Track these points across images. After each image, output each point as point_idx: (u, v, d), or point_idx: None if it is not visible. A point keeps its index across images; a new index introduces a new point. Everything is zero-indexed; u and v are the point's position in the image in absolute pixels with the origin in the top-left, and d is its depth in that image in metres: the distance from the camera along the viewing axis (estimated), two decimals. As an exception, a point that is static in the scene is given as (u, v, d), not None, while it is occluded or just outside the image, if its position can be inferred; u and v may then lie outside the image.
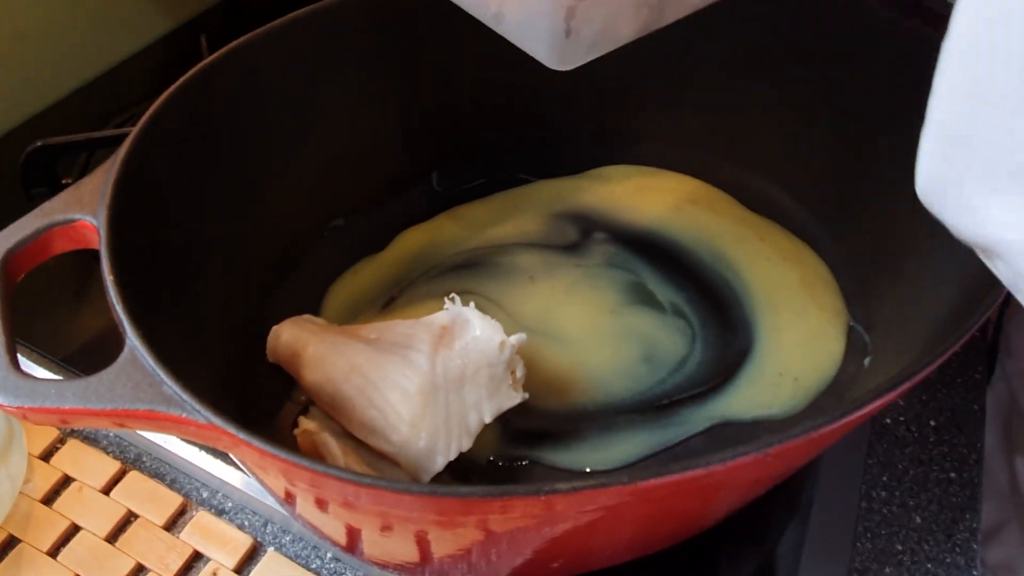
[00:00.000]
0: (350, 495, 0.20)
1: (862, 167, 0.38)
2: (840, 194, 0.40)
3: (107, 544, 0.32)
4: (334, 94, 0.38)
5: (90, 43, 0.53)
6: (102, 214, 0.24)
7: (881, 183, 0.37)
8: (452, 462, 0.30)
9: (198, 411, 0.19)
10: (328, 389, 0.31)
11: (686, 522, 0.28)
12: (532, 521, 0.23)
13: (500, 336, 0.30)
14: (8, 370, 0.20)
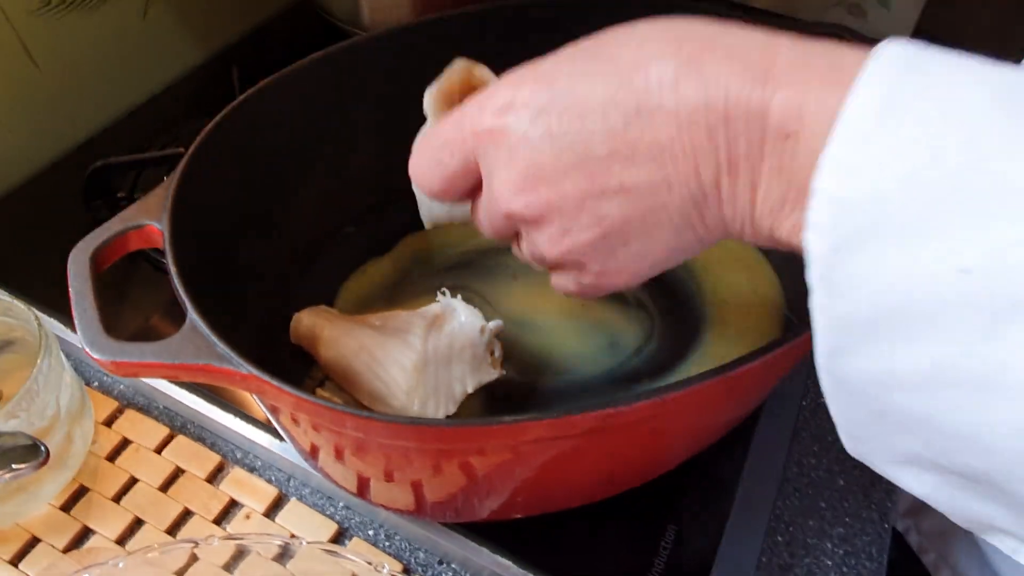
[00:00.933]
0: (359, 427, 0.27)
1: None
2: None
3: (160, 493, 0.38)
4: (348, 120, 0.45)
5: (134, 73, 0.61)
6: (165, 220, 0.31)
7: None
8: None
9: (242, 364, 0.26)
10: (341, 364, 0.37)
11: (640, 460, 0.34)
12: (502, 452, 0.29)
13: (481, 322, 0.37)
14: (103, 335, 0.27)
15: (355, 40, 0.43)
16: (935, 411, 0.17)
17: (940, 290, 0.16)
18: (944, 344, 0.16)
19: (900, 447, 0.19)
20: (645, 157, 0.21)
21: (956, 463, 0.18)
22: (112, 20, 0.57)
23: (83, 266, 0.29)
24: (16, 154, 0.54)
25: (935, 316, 0.16)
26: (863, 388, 0.19)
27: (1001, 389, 0.16)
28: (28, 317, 0.36)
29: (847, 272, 0.17)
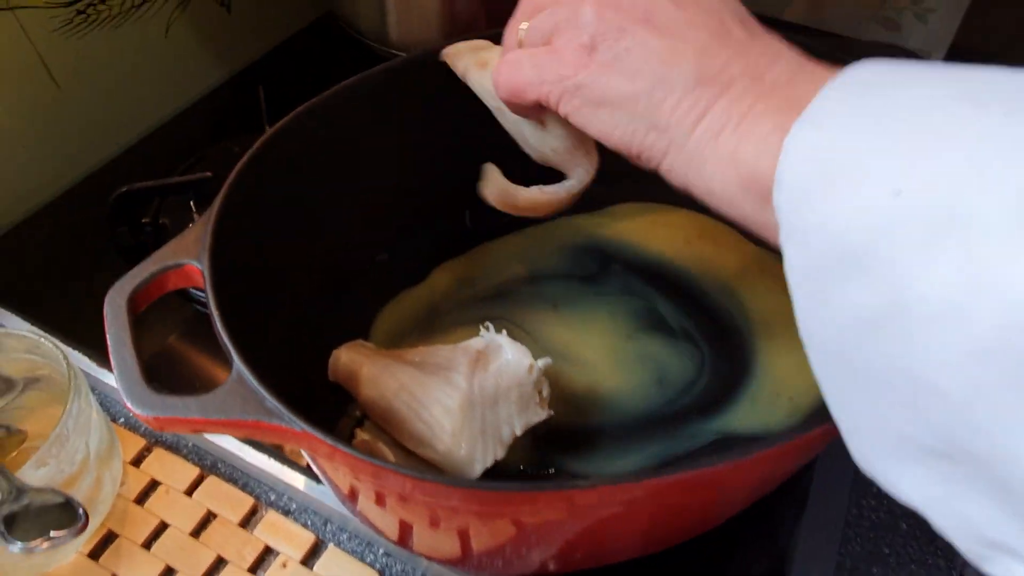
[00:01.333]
0: (415, 490, 0.25)
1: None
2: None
3: (192, 539, 0.37)
4: (379, 147, 0.43)
5: (156, 92, 0.59)
6: (205, 259, 0.29)
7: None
8: (487, 471, 0.35)
9: (295, 421, 0.24)
10: (381, 404, 0.36)
11: (691, 519, 0.32)
12: (556, 515, 0.28)
13: (529, 360, 0.35)
14: (144, 387, 0.25)
15: (390, 64, 0.42)
16: (901, 356, 0.17)
17: (876, 219, 0.17)
18: (889, 276, 0.17)
19: (890, 426, 0.19)
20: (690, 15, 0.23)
21: (940, 435, 0.17)
22: (134, 38, 0.56)
23: (120, 310, 0.28)
24: (36, 177, 0.53)
25: (876, 245, 0.17)
26: (840, 347, 0.19)
27: (944, 313, 0.16)
28: (56, 356, 0.35)
29: (805, 222, 0.19)
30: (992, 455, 0.16)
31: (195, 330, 0.46)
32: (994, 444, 0.16)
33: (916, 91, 0.18)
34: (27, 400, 0.39)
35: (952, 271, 0.16)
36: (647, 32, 0.23)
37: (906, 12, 0.68)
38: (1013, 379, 0.15)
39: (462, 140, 0.46)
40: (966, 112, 0.17)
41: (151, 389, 0.25)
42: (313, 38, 0.68)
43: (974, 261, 0.16)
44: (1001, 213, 0.15)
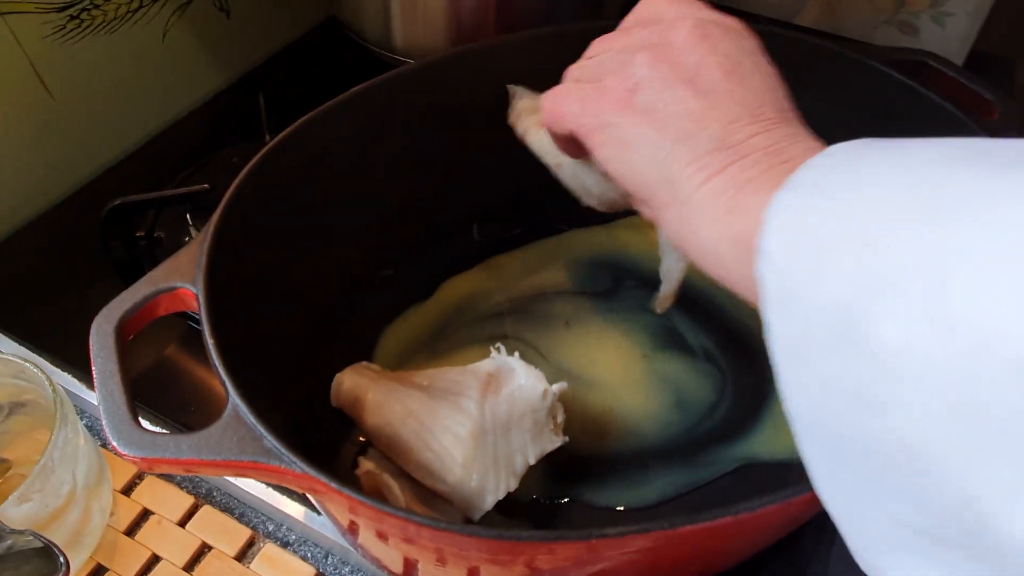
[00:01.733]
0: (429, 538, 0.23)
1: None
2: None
3: (185, 573, 0.35)
4: (384, 158, 0.41)
5: (153, 100, 0.57)
6: (200, 283, 0.27)
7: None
8: (499, 501, 0.33)
9: (295, 463, 0.22)
10: (387, 432, 0.34)
11: (719, 558, 0.30)
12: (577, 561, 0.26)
13: (543, 385, 0.33)
14: (131, 425, 0.23)
15: (396, 72, 0.40)
16: (888, 424, 0.17)
17: (857, 283, 0.17)
18: (872, 340, 0.17)
19: (883, 508, 0.18)
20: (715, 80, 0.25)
21: (935, 512, 0.16)
22: (130, 44, 0.54)
23: (108, 337, 0.26)
24: (28, 188, 0.51)
25: (858, 309, 0.17)
26: (827, 421, 0.18)
27: (927, 373, 0.16)
28: (41, 381, 0.33)
29: (788, 292, 0.19)
30: (983, 529, 0.15)
31: (190, 342, 0.44)
32: (986, 516, 0.15)
33: (894, 159, 0.19)
34: (12, 425, 0.37)
35: (933, 330, 0.16)
36: (688, 91, 0.25)
37: (923, 15, 0.66)
38: (1001, 441, 0.15)
39: (469, 152, 0.44)
40: (942, 177, 0.17)
41: (138, 427, 0.23)
42: (315, 44, 0.66)
43: (954, 319, 0.15)
44: (979, 271, 0.15)
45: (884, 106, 0.40)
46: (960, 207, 0.16)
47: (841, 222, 0.18)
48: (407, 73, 0.40)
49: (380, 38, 0.57)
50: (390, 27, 0.56)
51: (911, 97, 0.38)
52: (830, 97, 0.42)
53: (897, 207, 0.17)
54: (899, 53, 0.40)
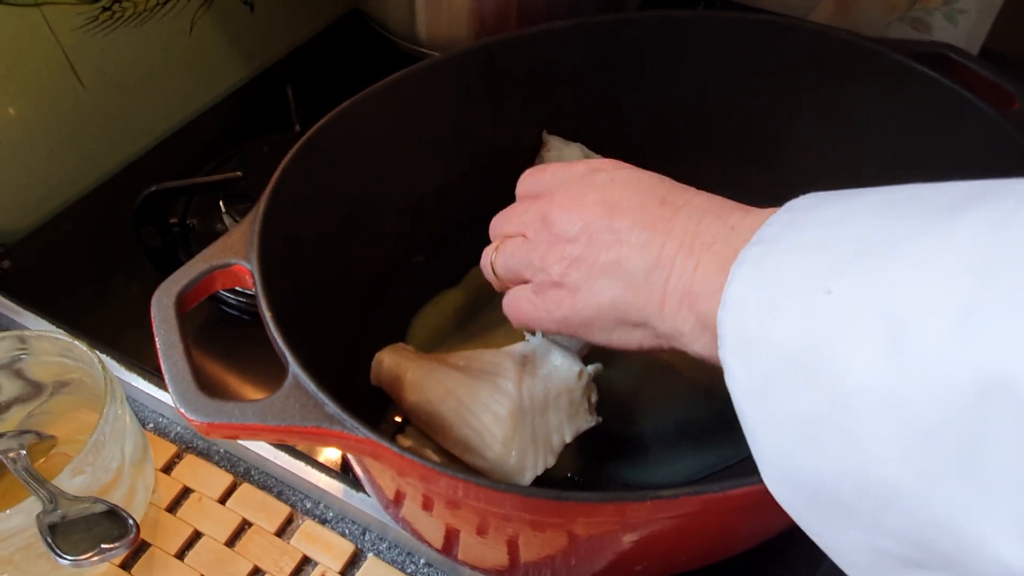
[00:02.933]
0: (485, 499, 0.24)
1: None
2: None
3: (227, 548, 0.36)
4: (417, 146, 0.42)
5: (181, 90, 0.58)
6: (254, 259, 0.28)
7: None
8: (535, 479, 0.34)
9: (357, 428, 0.23)
10: (427, 409, 0.34)
11: (747, 533, 0.31)
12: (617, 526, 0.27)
13: (579, 366, 0.34)
14: (197, 393, 0.24)
15: (431, 61, 0.41)
16: (850, 456, 0.17)
17: (811, 319, 0.18)
18: (828, 372, 0.18)
19: (863, 541, 0.18)
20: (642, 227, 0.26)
21: (909, 540, 0.17)
22: (159, 36, 0.55)
23: (169, 311, 0.26)
24: (60, 176, 0.52)
25: (814, 344, 0.18)
26: (794, 461, 0.19)
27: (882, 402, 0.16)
28: (91, 360, 0.34)
29: (748, 334, 0.20)
30: (960, 552, 0.16)
31: (211, 332, 0.45)
32: (958, 538, 0.16)
33: (842, 211, 0.20)
34: (55, 405, 0.38)
35: (889, 362, 0.16)
36: (594, 251, 0.27)
37: (936, 13, 0.67)
38: (960, 463, 0.15)
39: (501, 140, 0.45)
40: (888, 224, 0.19)
41: (204, 394, 0.24)
42: (339, 36, 0.67)
43: (904, 349, 0.16)
44: (925, 304, 0.16)
45: (906, 99, 0.41)
46: (902, 250, 0.18)
47: (798, 269, 0.19)
48: (439, 63, 0.41)
49: (404, 30, 0.57)
50: (414, 19, 0.56)
51: (935, 89, 0.39)
52: (850, 91, 0.43)
53: (843, 252, 0.19)
54: (919, 46, 0.41)
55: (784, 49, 0.43)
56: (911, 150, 0.41)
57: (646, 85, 0.45)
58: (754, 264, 0.21)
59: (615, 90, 0.46)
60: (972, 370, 0.15)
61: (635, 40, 0.45)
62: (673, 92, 0.45)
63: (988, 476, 0.15)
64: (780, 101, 0.45)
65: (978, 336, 0.15)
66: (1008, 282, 0.15)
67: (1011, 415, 0.15)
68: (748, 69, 0.44)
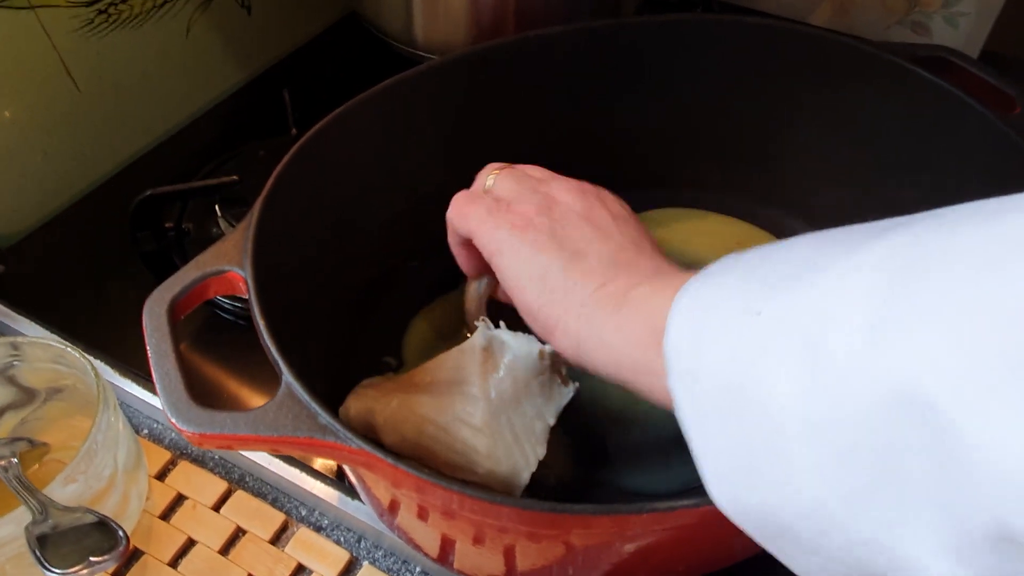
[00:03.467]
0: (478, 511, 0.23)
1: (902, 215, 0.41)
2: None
3: (221, 556, 0.35)
4: (414, 151, 0.42)
5: (177, 94, 0.58)
6: (248, 266, 0.28)
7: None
8: (528, 487, 0.33)
9: (350, 439, 0.23)
10: (407, 446, 0.33)
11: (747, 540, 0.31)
12: (615, 537, 0.26)
13: (536, 346, 0.33)
14: (189, 402, 0.24)
15: (428, 65, 0.41)
16: (788, 483, 0.17)
17: (744, 341, 0.18)
18: (762, 398, 0.18)
19: (822, 569, 0.19)
20: None
21: (850, 565, 0.17)
22: (155, 39, 0.55)
23: (161, 319, 0.26)
24: (55, 180, 0.51)
25: (747, 368, 0.18)
26: (743, 492, 0.19)
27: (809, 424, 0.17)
28: (83, 366, 0.33)
29: (690, 364, 0.20)
30: (896, 571, 0.16)
31: (206, 337, 0.45)
32: (890, 558, 0.16)
33: (777, 247, 0.21)
34: (48, 411, 0.37)
35: (805, 381, 0.17)
36: (585, 224, 0.29)
37: (936, 16, 0.67)
38: (879, 480, 0.16)
39: (498, 145, 0.45)
40: (819, 249, 0.19)
41: (196, 403, 0.24)
42: (336, 40, 0.66)
43: (821, 368, 0.16)
44: (838, 320, 0.17)
45: (906, 102, 0.40)
46: (826, 272, 0.18)
47: (727, 298, 0.20)
48: (436, 67, 0.40)
49: (401, 34, 0.57)
50: (411, 23, 0.56)
51: (934, 93, 0.39)
52: (851, 94, 0.43)
53: (774, 277, 0.19)
54: (919, 49, 0.41)
55: (783, 52, 0.43)
56: (911, 153, 0.41)
57: (645, 89, 0.45)
58: (694, 295, 0.21)
59: (613, 94, 0.46)
60: (883, 383, 0.15)
61: (633, 44, 0.45)
62: (672, 96, 0.45)
63: (906, 491, 0.15)
64: (779, 104, 0.45)
65: (887, 347, 0.15)
66: (913, 294, 0.15)
67: (922, 425, 0.15)
68: (747, 72, 0.44)
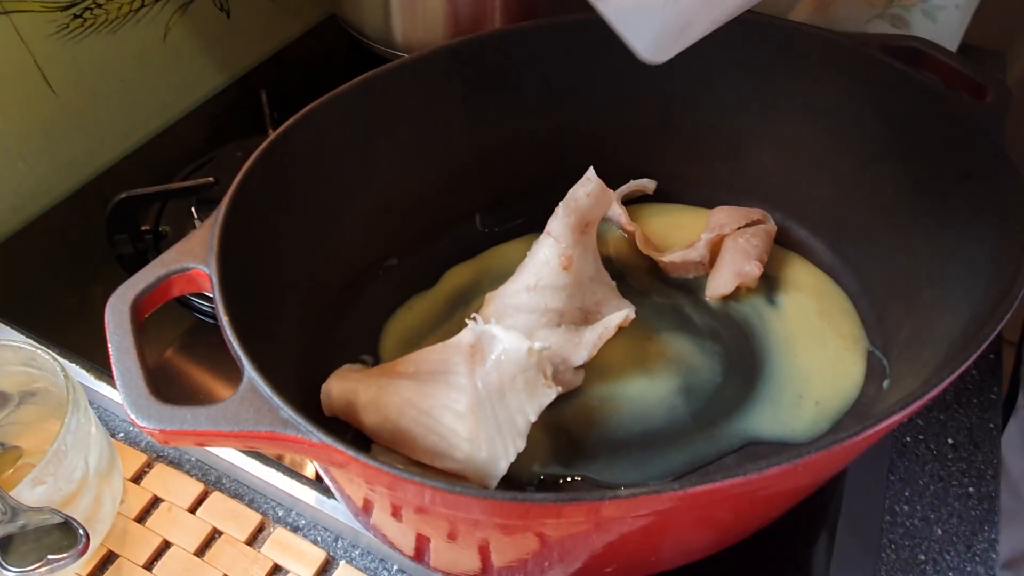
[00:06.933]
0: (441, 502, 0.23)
1: (879, 204, 0.42)
2: (858, 229, 0.43)
3: (196, 558, 0.35)
4: (387, 148, 0.42)
5: (155, 98, 0.58)
6: (213, 263, 0.28)
7: (896, 219, 0.40)
8: (506, 480, 0.33)
9: (312, 432, 0.23)
10: (388, 427, 0.34)
11: (724, 530, 0.30)
12: (586, 527, 0.26)
13: (526, 343, 0.33)
14: (150, 398, 0.23)
15: (400, 62, 0.41)
16: None
17: None
18: None
19: None
20: None
21: None
22: (132, 43, 0.54)
23: (123, 316, 0.26)
24: (32, 185, 0.51)
25: None
26: None
27: None
28: (53, 368, 0.33)
29: None
30: None
31: (195, 342, 0.44)
32: None
33: None
34: (22, 415, 0.37)
35: None
36: None
37: (915, 9, 0.67)
38: None
39: (473, 141, 0.45)
40: None
41: (157, 400, 0.23)
42: (316, 42, 0.66)
43: None
44: None
45: (879, 93, 0.41)
46: None
47: None
48: (408, 64, 0.40)
49: (380, 35, 0.57)
50: (390, 24, 0.56)
51: (907, 83, 0.39)
52: (824, 85, 0.43)
53: None
54: (891, 39, 0.41)
55: (759, 46, 0.43)
56: (887, 143, 0.41)
57: (622, 84, 0.45)
58: None
59: (589, 89, 0.46)
60: None
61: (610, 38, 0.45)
62: (650, 90, 0.45)
63: None
64: (757, 97, 0.45)
65: None
66: None
67: None
68: (724, 66, 0.44)
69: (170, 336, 0.44)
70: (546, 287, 0.39)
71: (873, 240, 0.42)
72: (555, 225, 0.39)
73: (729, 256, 0.42)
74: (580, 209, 0.39)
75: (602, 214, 0.41)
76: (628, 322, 0.38)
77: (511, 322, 0.39)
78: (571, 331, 0.39)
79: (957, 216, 0.37)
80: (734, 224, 0.43)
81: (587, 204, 0.39)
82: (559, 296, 0.39)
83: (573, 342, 0.38)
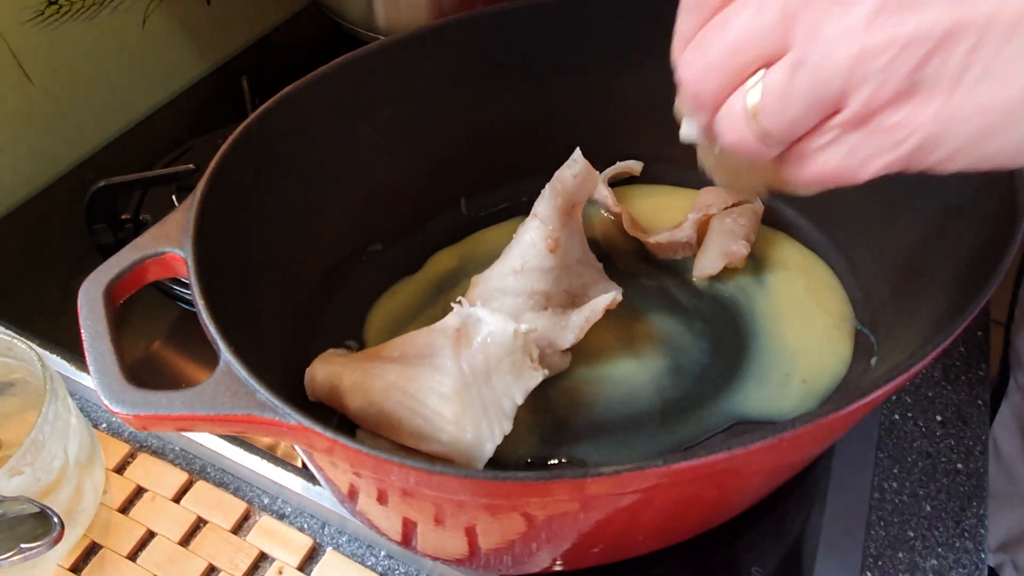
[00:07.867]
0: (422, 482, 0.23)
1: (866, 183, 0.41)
2: (844, 208, 0.42)
3: (181, 548, 0.35)
4: (371, 131, 0.41)
5: (135, 86, 0.57)
6: (188, 247, 0.27)
7: (884, 198, 0.40)
8: (492, 463, 0.33)
9: (289, 415, 0.22)
10: (373, 411, 0.33)
11: (711, 509, 0.30)
12: (571, 506, 0.26)
13: (512, 326, 0.32)
14: (124, 384, 0.23)
15: (381, 43, 0.40)
16: None
17: None
18: None
19: None
20: None
21: None
22: (110, 30, 0.54)
23: (96, 302, 0.26)
24: (11, 175, 0.50)
25: None
26: None
27: None
28: (30, 358, 0.33)
29: None
30: None
31: (181, 332, 0.44)
32: None
33: None
34: (1, 406, 0.37)
35: None
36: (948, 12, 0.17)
37: None
38: None
39: (457, 124, 0.45)
40: None
41: (131, 385, 0.23)
42: (298, 28, 0.66)
43: None
44: None
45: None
46: None
47: None
48: (389, 45, 0.40)
49: (362, 18, 0.57)
50: (372, 7, 0.56)
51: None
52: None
53: None
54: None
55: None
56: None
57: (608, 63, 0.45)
58: None
59: (575, 70, 0.45)
60: None
61: (595, 18, 0.44)
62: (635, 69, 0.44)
63: None
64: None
65: None
66: None
67: None
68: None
69: (157, 328, 0.44)
70: (532, 270, 0.38)
71: (860, 219, 0.42)
72: (541, 207, 0.39)
73: (716, 236, 0.42)
74: (567, 190, 0.39)
75: (588, 196, 0.40)
76: (615, 304, 0.38)
77: (497, 305, 0.38)
78: (557, 314, 0.39)
79: (944, 194, 0.37)
80: (721, 204, 0.43)
81: (574, 185, 0.39)
82: (545, 279, 0.39)
83: (560, 325, 0.38)
